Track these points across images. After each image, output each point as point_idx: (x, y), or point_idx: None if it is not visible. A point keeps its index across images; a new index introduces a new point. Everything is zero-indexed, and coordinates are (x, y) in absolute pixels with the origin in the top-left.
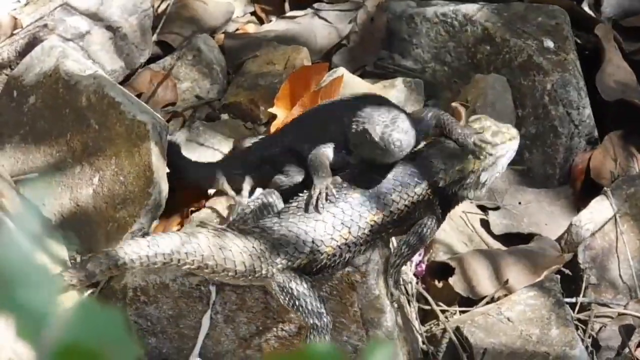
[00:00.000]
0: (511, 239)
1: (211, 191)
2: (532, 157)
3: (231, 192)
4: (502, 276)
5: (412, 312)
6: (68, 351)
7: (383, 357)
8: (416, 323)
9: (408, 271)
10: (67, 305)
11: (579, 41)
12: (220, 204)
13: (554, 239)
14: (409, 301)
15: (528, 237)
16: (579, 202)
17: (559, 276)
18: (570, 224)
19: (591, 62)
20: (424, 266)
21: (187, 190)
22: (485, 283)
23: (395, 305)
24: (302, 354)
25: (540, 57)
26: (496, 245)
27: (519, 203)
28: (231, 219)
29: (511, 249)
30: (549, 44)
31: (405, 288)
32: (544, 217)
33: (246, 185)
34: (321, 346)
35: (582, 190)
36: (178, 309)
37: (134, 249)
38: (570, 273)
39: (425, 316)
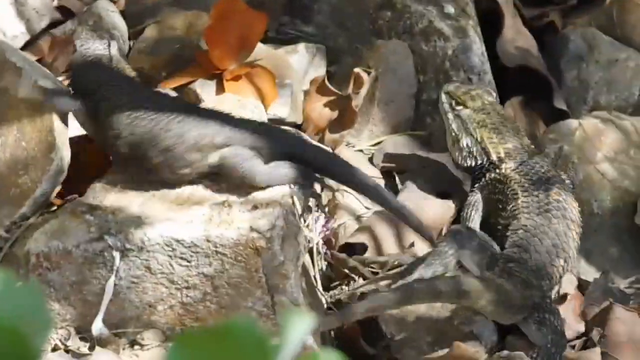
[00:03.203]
0: None
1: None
2: (433, 122)
3: None
4: (406, 239)
5: (317, 277)
6: None
7: (300, 330)
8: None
9: (313, 235)
10: None
11: (479, 6)
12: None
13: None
14: (313, 265)
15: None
16: None
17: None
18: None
19: (492, 28)
20: (327, 232)
21: (92, 157)
22: (392, 249)
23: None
24: (220, 329)
25: (441, 22)
26: None
27: (423, 167)
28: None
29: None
30: (450, 9)
31: (310, 252)
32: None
33: None
34: (240, 321)
35: None
36: (81, 275)
37: None
38: None
39: (330, 281)
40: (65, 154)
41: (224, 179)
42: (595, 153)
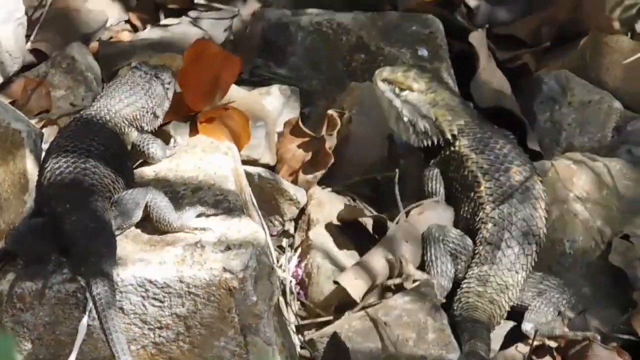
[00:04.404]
0: None
1: None
2: (406, 164)
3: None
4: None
5: (290, 317)
6: None
7: None
8: (294, 327)
9: (286, 275)
10: None
11: (452, 49)
12: None
13: None
14: (287, 305)
15: None
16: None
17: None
18: None
19: (465, 70)
20: (300, 271)
21: None
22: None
23: None
24: None
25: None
26: None
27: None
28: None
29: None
30: (423, 52)
31: (283, 292)
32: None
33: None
34: None
35: None
36: (54, 316)
37: None
38: None
39: (303, 321)
40: None
41: None
42: (567, 194)
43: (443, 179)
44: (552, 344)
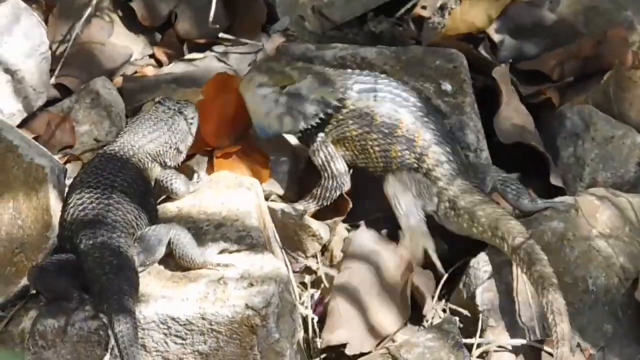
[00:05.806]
0: None
1: None
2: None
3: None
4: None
5: (313, 354)
6: None
7: None
8: None
9: (308, 312)
10: None
11: (476, 84)
12: None
13: None
14: (309, 342)
15: None
16: (477, 243)
17: (457, 318)
18: (469, 266)
19: (489, 105)
20: (321, 308)
21: None
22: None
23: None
24: None
25: (438, 99)
26: None
27: None
28: None
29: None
30: (447, 86)
31: (305, 329)
32: None
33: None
34: None
35: None
36: (77, 354)
37: None
38: (469, 314)
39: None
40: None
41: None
42: (590, 230)
43: (344, 141)
44: None
